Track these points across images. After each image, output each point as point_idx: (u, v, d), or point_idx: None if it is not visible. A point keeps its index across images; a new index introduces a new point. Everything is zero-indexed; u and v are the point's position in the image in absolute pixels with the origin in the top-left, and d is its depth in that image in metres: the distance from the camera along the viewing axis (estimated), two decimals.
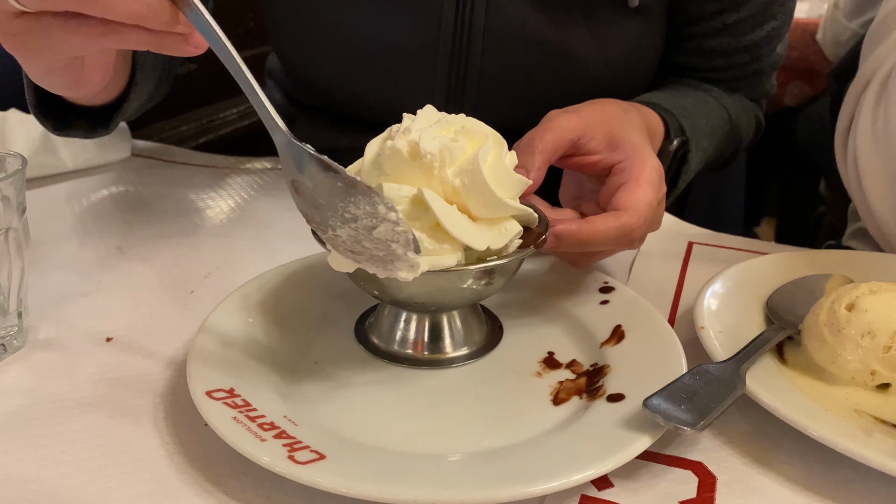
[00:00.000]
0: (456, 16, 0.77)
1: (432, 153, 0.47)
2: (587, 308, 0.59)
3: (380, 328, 0.57)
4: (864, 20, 1.73)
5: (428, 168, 0.48)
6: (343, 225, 0.44)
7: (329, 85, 0.86)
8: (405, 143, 0.48)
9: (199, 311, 0.61)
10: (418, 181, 0.48)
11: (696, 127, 0.79)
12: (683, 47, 0.88)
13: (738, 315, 0.58)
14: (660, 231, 0.67)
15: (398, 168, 0.48)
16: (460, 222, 0.47)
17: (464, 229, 0.47)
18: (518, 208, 0.50)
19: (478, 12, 0.76)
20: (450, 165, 0.48)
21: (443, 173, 0.48)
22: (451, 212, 0.47)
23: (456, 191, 0.48)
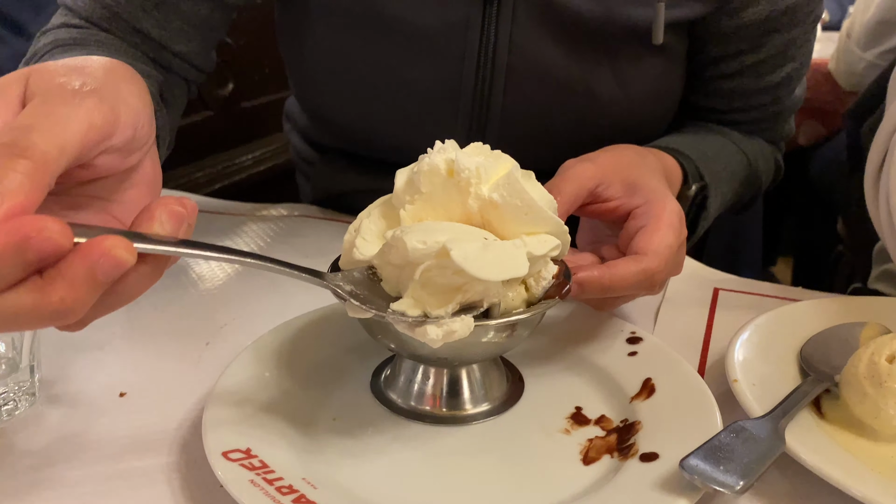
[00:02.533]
0: (479, 54, 0.77)
1: (469, 169, 0.47)
2: (615, 359, 0.57)
3: (397, 382, 0.55)
4: (879, 51, 1.72)
5: (465, 185, 0.48)
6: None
7: (350, 124, 0.86)
8: (443, 161, 0.48)
9: (214, 365, 0.60)
10: (454, 199, 0.48)
11: (714, 172, 0.78)
12: (703, 88, 0.88)
13: (772, 366, 0.56)
14: (684, 277, 0.65)
15: (435, 185, 0.48)
16: (492, 263, 0.45)
17: (497, 268, 0.45)
18: (555, 220, 0.49)
19: (500, 51, 0.76)
20: (486, 182, 0.48)
21: (479, 190, 0.48)
22: (478, 257, 0.45)
23: (494, 204, 0.47)
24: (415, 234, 0.44)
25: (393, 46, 0.78)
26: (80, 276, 0.33)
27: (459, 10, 0.75)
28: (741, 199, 0.89)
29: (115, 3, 0.73)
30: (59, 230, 0.31)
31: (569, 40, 0.76)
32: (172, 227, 0.38)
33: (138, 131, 0.40)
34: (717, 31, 0.81)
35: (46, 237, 0.31)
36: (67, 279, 0.32)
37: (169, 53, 0.76)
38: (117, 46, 0.72)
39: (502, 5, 0.75)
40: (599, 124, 0.81)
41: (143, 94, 0.42)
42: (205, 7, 0.76)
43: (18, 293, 0.32)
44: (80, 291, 0.33)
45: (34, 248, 0.31)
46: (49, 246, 0.31)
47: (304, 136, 1.03)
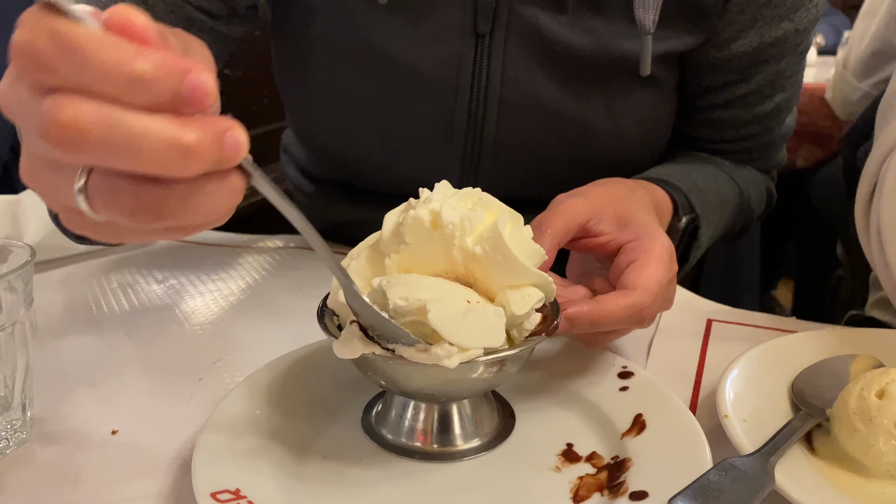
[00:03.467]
0: (472, 88, 0.78)
1: (453, 223, 0.48)
2: (606, 394, 0.57)
3: (388, 418, 0.55)
4: (874, 81, 1.73)
5: (449, 238, 0.48)
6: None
7: (345, 156, 0.87)
8: (427, 213, 0.48)
9: (206, 401, 0.60)
10: (439, 250, 0.49)
11: (706, 202, 0.78)
12: (694, 119, 0.89)
13: (763, 401, 0.56)
14: (677, 308, 0.65)
15: (419, 237, 0.49)
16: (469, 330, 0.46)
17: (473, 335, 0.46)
18: (538, 274, 0.49)
19: (493, 84, 0.77)
20: (469, 234, 0.48)
21: (463, 242, 0.48)
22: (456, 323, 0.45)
23: (476, 258, 0.48)
24: (398, 288, 0.44)
25: (387, 80, 0.79)
26: (213, 133, 0.33)
27: (452, 44, 0.76)
28: (733, 228, 0.90)
29: None
30: (211, 82, 0.32)
31: (560, 73, 0.77)
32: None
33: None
34: (706, 63, 0.82)
35: (202, 79, 0.32)
36: (202, 128, 0.32)
37: None
38: None
39: (494, 40, 0.76)
40: (591, 156, 0.82)
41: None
42: (206, 39, 0.77)
43: (157, 118, 0.32)
44: (209, 145, 0.33)
45: (189, 82, 0.32)
46: (200, 89, 0.32)
47: (300, 167, 1.04)
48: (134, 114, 0.32)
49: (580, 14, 0.75)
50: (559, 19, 0.75)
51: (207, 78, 0.32)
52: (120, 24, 0.32)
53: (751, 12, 0.77)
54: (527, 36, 0.76)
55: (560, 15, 0.75)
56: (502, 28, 0.75)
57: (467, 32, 0.76)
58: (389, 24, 0.76)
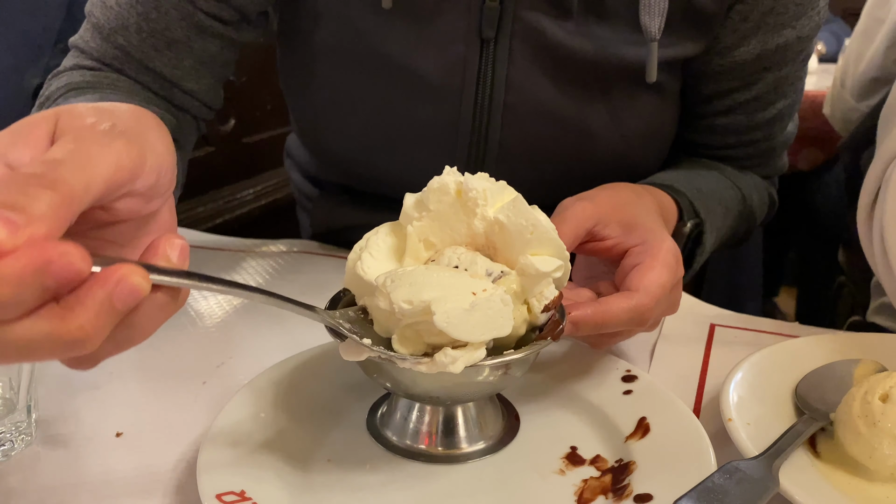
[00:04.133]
0: (476, 92, 0.78)
1: (477, 190, 0.49)
2: (610, 398, 0.57)
3: (393, 420, 0.55)
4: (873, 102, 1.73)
5: (472, 205, 0.50)
6: None
7: (350, 159, 0.87)
8: (452, 181, 0.50)
9: (211, 404, 0.60)
10: (461, 219, 0.50)
11: (709, 208, 0.79)
12: (697, 125, 0.89)
13: (767, 405, 0.56)
14: (681, 313, 0.65)
15: (443, 203, 0.50)
16: (476, 324, 0.46)
17: (481, 329, 0.46)
18: (558, 241, 0.50)
19: (497, 89, 0.78)
20: (492, 206, 0.50)
21: (485, 211, 0.50)
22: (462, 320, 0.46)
23: (500, 224, 0.49)
24: (402, 290, 0.45)
25: (392, 85, 0.79)
26: (98, 303, 0.32)
27: (458, 50, 0.77)
28: (736, 233, 0.90)
29: (128, 43, 0.74)
30: (80, 255, 0.32)
31: (564, 79, 0.78)
32: (179, 260, 0.38)
33: (161, 177, 0.40)
34: (709, 70, 0.82)
35: (67, 261, 0.31)
36: (86, 305, 0.32)
37: (180, 92, 0.78)
38: (129, 88, 0.74)
39: (499, 45, 0.76)
40: (595, 161, 0.82)
41: (168, 143, 0.42)
42: (214, 45, 0.78)
43: (36, 320, 0.32)
44: (99, 318, 0.33)
45: (54, 272, 0.31)
46: (70, 271, 0.31)
47: (304, 171, 1.04)
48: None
49: (584, 20, 0.76)
50: (564, 25, 0.75)
51: (69, 256, 0.31)
52: None
53: (754, 20, 0.78)
54: (531, 42, 0.76)
55: (564, 21, 0.75)
56: (507, 33, 0.76)
57: (472, 38, 0.76)
58: (394, 29, 0.77)
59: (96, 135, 0.37)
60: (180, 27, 0.75)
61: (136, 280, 0.33)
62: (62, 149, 0.35)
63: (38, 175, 0.32)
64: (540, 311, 0.49)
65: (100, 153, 0.35)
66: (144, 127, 0.41)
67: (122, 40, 0.74)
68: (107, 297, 0.33)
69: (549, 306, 0.49)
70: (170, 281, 0.36)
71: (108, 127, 0.38)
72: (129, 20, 0.74)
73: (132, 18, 0.74)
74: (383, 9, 0.76)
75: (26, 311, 0.32)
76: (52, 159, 0.34)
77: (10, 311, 0.31)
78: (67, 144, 0.35)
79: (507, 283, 0.49)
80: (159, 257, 0.37)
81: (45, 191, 0.32)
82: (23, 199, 0.31)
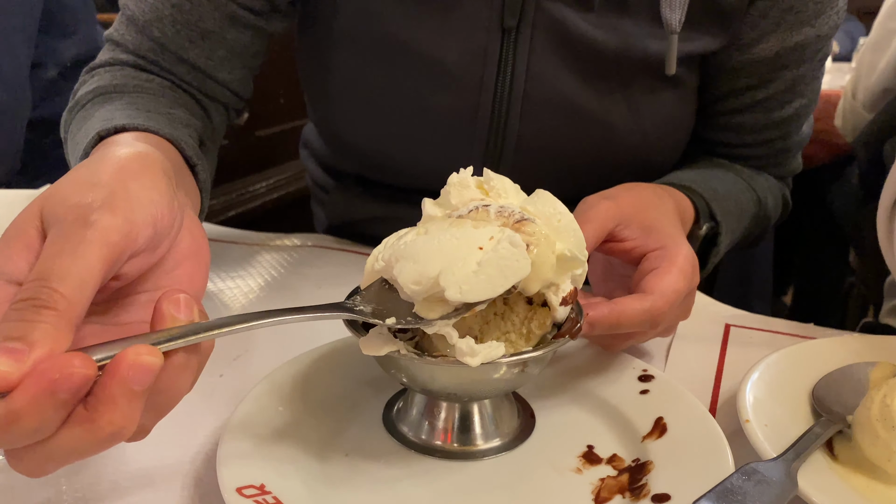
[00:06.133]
0: (496, 82, 0.78)
1: (496, 180, 0.51)
2: (626, 397, 0.57)
3: (409, 415, 0.55)
4: None
5: (495, 196, 0.50)
6: None
7: (368, 149, 0.88)
8: (473, 179, 0.51)
9: (228, 396, 0.60)
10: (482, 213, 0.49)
11: (725, 210, 0.79)
12: (713, 122, 0.89)
13: (784, 406, 0.56)
14: (696, 313, 0.66)
15: (464, 197, 0.50)
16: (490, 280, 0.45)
17: (499, 281, 0.45)
18: (580, 233, 0.50)
19: (518, 79, 0.78)
20: (514, 197, 0.51)
21: (508, 201, 0.50)
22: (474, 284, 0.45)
23: (526, 212, 0.49)
24: (407, 270, 0.44)
25: (412, 74, 0.79)
26: (118, 394, 0.34)
27: (479, 40, 0.77)
28: (750, 235, 0.90)
29: (163, 35, 0.75)
30: (81, 363, 0.33)
31: (584, 70, 0.78)
32: (186, 314, 0.39)
33: (158, 224, 0.41)
34: (727, 66, 0.82)
35: (69, 374, 0.33)
36: (107, 401, 0.34)
37: (213, 82, 0.79)
38: (156, 90, 0.74)
39: (520, 35, 0.77)
40: (613, 154, 0.83)
41: (157, 184, 0.43)
42: (246, 35, 0.79)
43: (69, 429, 0.34)
44: (124, 408, 0.35)
45: (63, 388, 0.33)
46: (76, 381, 0.33)
47: (321, 162, 1.05)
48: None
49: (606, 13, 0.76)
50: (585, 17, 0.76)
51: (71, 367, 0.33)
52: None
53: (773, 17, 0.78)
54: (553, 32, 0.76)
55: (587, 13, 0.76)
56: (529, 23, 0.76)
57: (494, 27, 0.76)
58: (416, 17, 0.77)
59: (79, 218, 0.38)
60: (213, 18, 0.75)
61: (145, 360, 0.35)
62: (47, 255, 0.37)
63: (31, 299, 0.35)
64: (558, 304, 0.49)
65: (85, 241, 0.37)
66: (127, 178, 0.42)
67: (157, 32, 0.75)
68: (123, 386, 0.34)
69: (567, 300, 0.49)
70: (179, 343, 0.37)
71: (88, 202, 0.39)
72: (164, 12, 0.74)
73: (166, 10, 0.74)
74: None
75: (57, 426, 0.34)
76: (39, 275, 0.36)
77: (43, 431, 0.34)
78: (52, 247, 0.37)
79: (532, 228, 0.48)
80: (166, 320, 0.38)
81: (41, 312, 0.34)
82: (22, 326, 0.34)
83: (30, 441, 0.34)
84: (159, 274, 0.44)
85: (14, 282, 0.37)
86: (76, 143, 0.64)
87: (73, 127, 0.70)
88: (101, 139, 0.58)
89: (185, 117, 0.70)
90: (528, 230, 0.48)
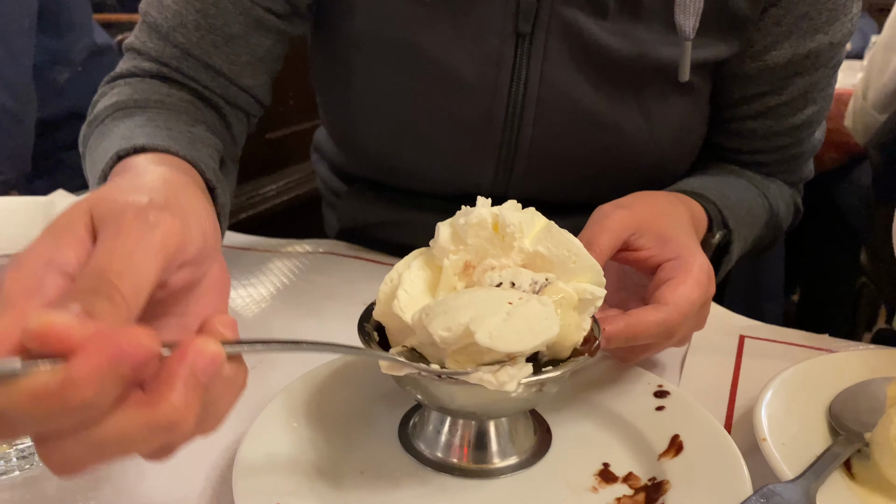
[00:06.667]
0: (510, 88, 0.78)
1: (514, 224, 0.49)
2: (642, 414, 0.57)
3: (425, 432, 0.55)
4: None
5: (509, 239, 0.50)
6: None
7: (380, 153, 0.87)
8: (489, 214, 0.50)
9: (242, 409, 0.59)
10: (499, 252, 0.50)
11: (738, 217, 0.79)
12: (725, 129, 0.89)
13: (800, 424, 0.55)
14: (709, 324, 0.65)
15: (480, 237, 0.50)
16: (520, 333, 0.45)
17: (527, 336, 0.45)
18: (597, 266, 0.51)
19: (531, 85, 0.78)
20: (527, 235, 0.50)
21: (522, 244, 0.50)
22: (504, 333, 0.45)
23: (539, 256, 0.50)
24: (438, 319, 0.45)
25: (425, 78, 0.79)
26: (184, 378, 0.32)
27: (493, 45, 0.77)
28: (762, 242, 0.90)
29: (187, 41, 0.75)
30: (148, 336, 0.31)
31: (598, 77, 0.78)
32: (232, 334, 0.38)
33: (207, 239, 0.40)
34: (740, 73, 0.82)
35: (139, 344, 0.31)
36: (171, 385, 0.32)
37: (237, 89, 0.79)
38: (177, 105, 0.73)
39: (535, 40, 0.76)
40: (626, 160, 0.83)
41: (204, 202, 0.42)
42: (269, 39, 0.79)
43: (127, 411, 0.32)
44: (188, 395, 0.32)
45: (129, 359, 0.30)
46: (143, 354, 0.31)
47: (333, 166, 1.05)
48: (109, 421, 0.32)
49: (620, 19, 0.76)
50: (600, 23, 0.75)
51: (139, 338, 0.31)
52: (40, 338, 0.30)
53: (787, 24, 0.77)
54: (567, 38, 0.76)
55: (601, 19, 0.75)
56: (543, 29, 0.76)
57: (508, 32, 0.76)
58: (431, 21, 0.77)
59: (137, 217, 0.36)
60: (238, 22, 0.75)
61: (212, 348, 0.33)
62: (105, 251, 0.35)
63: (91, 290, 0.33)
64: (581, 338, 0.49)
65: (143, 241, 0.35)
66: (180, 193, 0.41)
67: (181, 38, 0.75)
68: (190, 371, 0.33)
69: (588, 339, 0.50)
70: (238, 349, 0.37)
71: (146, 201, 0.38)
72: (188, 17, 0.74)
73: (190, 16, 0.74)
74: (422, 1, 0.76)
75: (112, 404, 0.32)
76: (97, 269, 0.34)
77: (97, 409, 0.31)
78: (110, 243, 0.35)
79: (556, 291, 0.49)
80: (214, 335, 0.37)
81: (99, 302, 0.32)
82: (88, 304, 0.31)
83: (79, 418, 0.31)
84: (189, 299, 0.42)
85: (66, 274, 0.35)
86: (94, 160, 0.64)
87: (91, 142, 0.70)
88: (120, 158, 0.57)
89: (206, 136, 0.70)
90: (552, 291, 0.49)
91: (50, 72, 1.24)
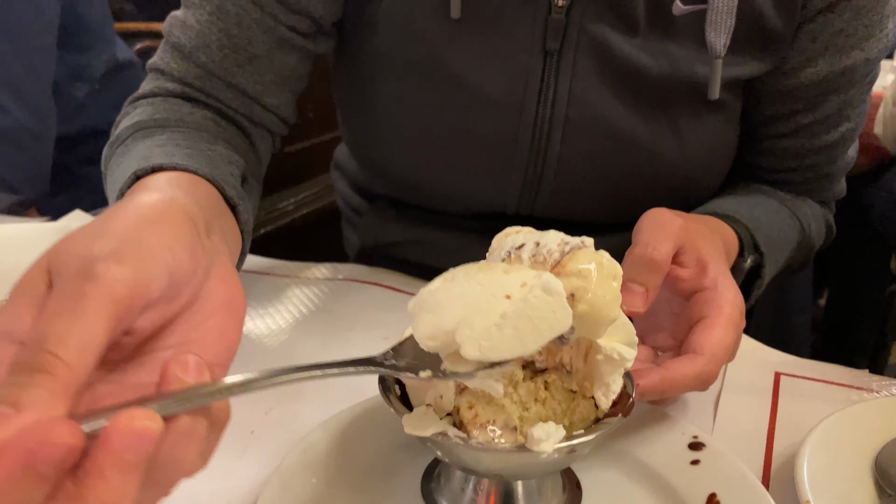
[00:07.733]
0: (538, 106, 0.76)
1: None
2: (677, 469, 0.55)
3: (449, 489, 0.53)
4: None
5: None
6: None
7: (404, 171, 0.86)
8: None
9: (260, 455, 0.59)
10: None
11: (769, 240, 0.77)
12: (757, 147, 0.86)
13: (845, 481, 0.53)
14: (743, 359, 0.63)
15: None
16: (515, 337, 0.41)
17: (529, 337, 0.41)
18: (629, 326, 0.48)
19: (559, 103, 0.76)
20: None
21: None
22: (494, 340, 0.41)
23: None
24: (425, 319, 0.41)
25: (451, 96, 0.77)
26: (109, 466, 0.30)
27: (520, 62, 0.75)
28: (793, 264, 0.88)
29: (210, 60, 0.74)
30: (65, 430, 0.29)
31: (628, 94, 0.76)
32: (195, 377, 0.35)
33: (175, 273, 0.38)
34: (773, 91, 0.80)
35: (50, 443, 0.29)
36: (96, 474, 0.30)
37: (261, 108, 0.77)
38: (199, 123, 0.72)
39: (563, 58, 0.74)
40: (655, 178, 0.81)
41: (176, 230, 0.40)
42: (293, 58, 0.77)
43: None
44: (116, 482, 0.30)
45: (43, 459, 0.29)
46: (58, 451, 0.29)
47: (354, 184, 1.03)
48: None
49: (651, 36, 0.74)
50: (630, 40, 0.73)
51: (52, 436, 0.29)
52: None
53: (822, 40, 0.75)
54: (596, 55, 0.74)
55: (631, 37, 0.73)
56: (572, 46, 0.74)
57: (536, 49, 0.74)
58: (458, 38, 0.75)
59: (77, 275, 0.35)
60: (262, 41, 0.74)
61: (139, 425, 0.30)
62: (48, 317, 0.33)
63: (26, 363, 0.31)
64: (608, 406, 0.46)
65: (84, 297, 0.33)
66: (143, 226, 0.39)
67: (205, 58, 0.73)
68: (115, 457, 0.30)
69: (617, 401, 0.47)
70: (183, 406, 0.33)
71: (93, 253, 0.36)
72: (211, 37, 0.73)
73: (213, 35, 0.73)
74: (450, 17, 0.74)
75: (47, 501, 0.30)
76: (37, 338, 0.32)
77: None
78: (54, 304, 0.34)
79: (589, 258, 0.43)
80: (172, 385, 0.34)
81: (35, 376, 0.30)
82: (13, 391, 0.30)
83: None
84: (186, 328, 0.40)
85: (19, 342, 0.34)
86: (114, 180, 0.63)
87: (112, 162, 0.69)
88: (138, 178, 0.56)
89: (227, 153, 0.68)
90: (572, 270, 0.43)
91: (70, 88, 1.24)
